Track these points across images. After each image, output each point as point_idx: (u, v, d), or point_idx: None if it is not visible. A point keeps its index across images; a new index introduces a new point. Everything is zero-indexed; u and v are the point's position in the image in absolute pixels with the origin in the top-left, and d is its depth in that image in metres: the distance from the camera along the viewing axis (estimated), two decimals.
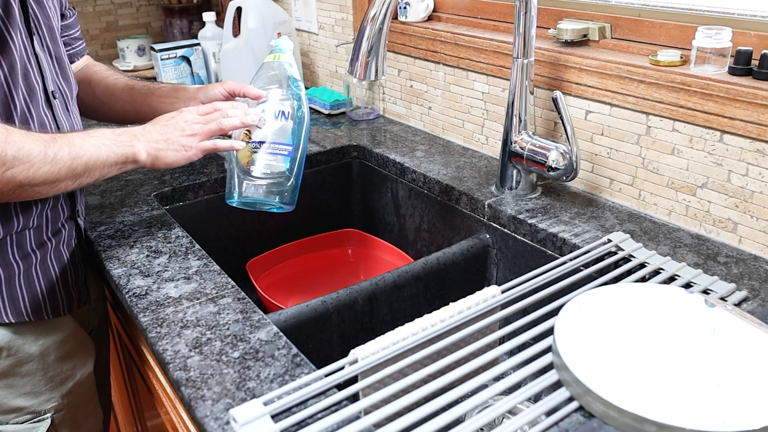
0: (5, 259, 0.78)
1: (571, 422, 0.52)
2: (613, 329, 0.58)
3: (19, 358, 0.82)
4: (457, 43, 1.09)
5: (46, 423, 0.86)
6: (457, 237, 1.01)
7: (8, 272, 0.79)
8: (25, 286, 0.80)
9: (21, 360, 0.82)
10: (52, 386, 0.86)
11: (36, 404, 0.84)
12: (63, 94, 0.85)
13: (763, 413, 0.48)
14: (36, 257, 0.81)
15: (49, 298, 0.83)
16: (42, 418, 0.86)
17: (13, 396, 0.82)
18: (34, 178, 0.70)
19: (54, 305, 0.84)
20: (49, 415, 0.86)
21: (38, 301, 0.82)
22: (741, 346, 0.55)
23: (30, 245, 0.80)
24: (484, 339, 0.61)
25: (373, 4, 0.76)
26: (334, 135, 1.24)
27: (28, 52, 0.77)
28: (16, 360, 0.81)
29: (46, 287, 0.83)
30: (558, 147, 0.87)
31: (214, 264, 0.78)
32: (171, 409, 0.82)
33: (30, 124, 0.78)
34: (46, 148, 0.70)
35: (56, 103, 0.82)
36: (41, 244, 0.81)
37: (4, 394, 0.82)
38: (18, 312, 0.80)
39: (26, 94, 0.77)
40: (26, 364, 0.82)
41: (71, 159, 0.73)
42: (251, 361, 0.61)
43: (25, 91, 0.77)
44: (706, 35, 0.77)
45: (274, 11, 1.43)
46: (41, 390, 0.85)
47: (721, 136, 0.77)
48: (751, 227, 0.77)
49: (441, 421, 0.51)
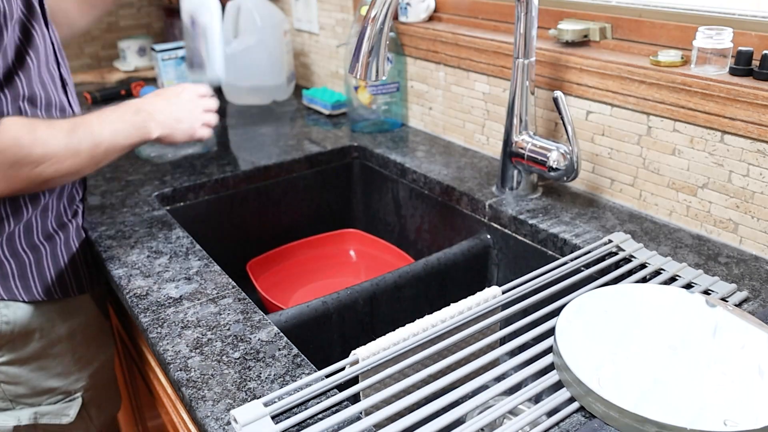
0: (32, 242, 0.81)
1: (571, 423, 0.52)
2: (614, 330, 0.58)
3: (50, 340, 0.84)
4: (457, 44, 1.09)
5: (78, 402, 0.89)
6: (457, 237, 1.01)
7: (36, 254, 0.82)
8: (53, 265, 0.84)
9: (52, 341, 0.85)
10: (80, 366, 0.89)
11: (67, 384, 0.87)
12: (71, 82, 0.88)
13: (764, 413, 0.48)
14: (60, 237, 0.85)
15: (74, 275, 0.87)
16: (73, 398, 0.88)
17: (45, 377, 0.85)
18: (60, 170, 0.73)
19: (78, 282, 0.88)
20: (79, 395, 0.89)
21: (64, 278, 0.85)
22: (742, 347, 0.55)
23: (52, 226, 0.83)
24: (484, 339, 0.61)
25: (373, 5, 0.76)
26: (335, 135, 1.24)
27: (45, 42, 0.81)
28: (48, 341, 0.84)
29: (70, 265, 0.86)
30: (559, 147, 0.87)
31: (215, 264, 0.78)
32: (171, 410, 0.82)
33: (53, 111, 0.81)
34: (68, 138, 0.73)
35: (69, 89, 0.86)
36: (62, 225, 0.85)
37: (37, 376, 0.84)
38: (46, 290, 0.83)
39: (51, 83, 0.81)
40: (57, 345, 0.85)
41: (92, 147, 0.76)
42: (252, 361, 0.61)
43: (49, 80, 0.80)
44: (706, 36, 0.77)
45: (273, 12, 1.43)
46: (71, 370, 0.87)
47: (721, 137, 0.77)
48: (751, 228, 0.77)
49: (442, 421, 0.51)
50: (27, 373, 0.83)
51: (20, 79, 0.75)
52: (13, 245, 0.79)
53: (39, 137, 0.69)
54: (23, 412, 0.83)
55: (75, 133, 0.74)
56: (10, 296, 0.80)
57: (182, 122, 0.88)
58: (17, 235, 0.79)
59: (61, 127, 0.73)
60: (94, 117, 0.78)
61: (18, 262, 0.80)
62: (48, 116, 0.80)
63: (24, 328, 0.81)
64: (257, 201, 1.12)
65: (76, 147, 0.73)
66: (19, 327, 0.81)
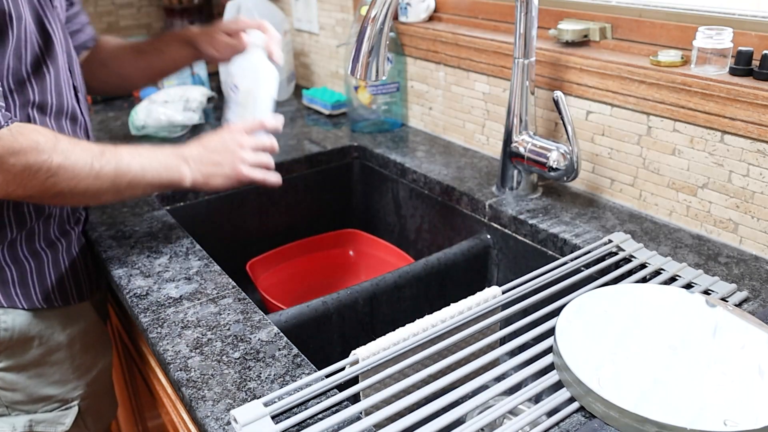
0: (33, 248, 0.81)
1: (571, 423, 0.52)
2: (613, 330, 0.58)
3: (49, 347, 0.84)
4: (457, 44, 1.09)
5: (74, 411, 0.88)
6: (457, 237, 1.01)
7: (37, 260, 0.81)
8: (54, 272, 0.83)
9: (51, 349, 0.84)
10: (78, 375, 0.88)
11: (64, 392, 0.87)
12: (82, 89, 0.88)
13: (764, 413, 0.48)
14: (62, 245, 0.84)
15: (74, 282, 0.86)
16: (69, 406, 0.88)
17: (43, 385, 0.84)
18: (76, 188, 0.71)
19: (78, 290, 0.87)
20: (75, 403, 0.88)
21: (65, 285, 0.85)
22: (742, 347, 0.55)
23: (54, 234, 0.83)
24: (484, 339, 0.61)
25: (373, 5, 0.76)
26: (335, 135, 1.24)
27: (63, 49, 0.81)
28: (46, 349, 0.84)
29: (71, 272, 0.85)
30: (559, 147, 0.87)
31: (215, 264, 0.78)
32: (172, 410, 0.82)
33: (63, 119, 0.81)
34: (92, 160, 0.71)
35: (80, 96, 0.85)
36: (65, 232, 0.84)
37: (34, 383, 0.84)
38: (46, 297, 0.83)
39: (66, 90, 0.81)
40: (56, 353, 0.85)
41: (116, 176, 0.73)
42: (252, 361, 0.61)
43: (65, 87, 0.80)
44: (706, 36, 0.77)
45: (273, 12, 1.43)
46: (69, 378, 0.87)
47: (721, 137, 0.77)
48: (751, 228, 0.77)
49: (442, 421, 0.51)
50: (24, 380, 0.82)
51: (32, 87, 0.75)
52: (14, 251, 0.79)
53: (61, 148, 0.68)
54: (18, 419, 0.83)
55: (102, 156, 0.72)
56: (10, 303, 0.79)
57: (221, 166, 0.80)
58: (19, 242, 0.79)
59: (88, 147, 0.72)
60: (126, 149, 0.76)
61: (19, 268, 0.80)
62: (57, 124, 0.80)
63: (23, 334, 0.81)
64: (257, 201, 1.12)
65: (99, 170, 0.71)
66: (18, 334, 0.80)
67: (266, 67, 0.87)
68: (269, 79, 0.88)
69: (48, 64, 0.77)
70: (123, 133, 1.28)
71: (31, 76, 0.75)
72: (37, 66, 0.75)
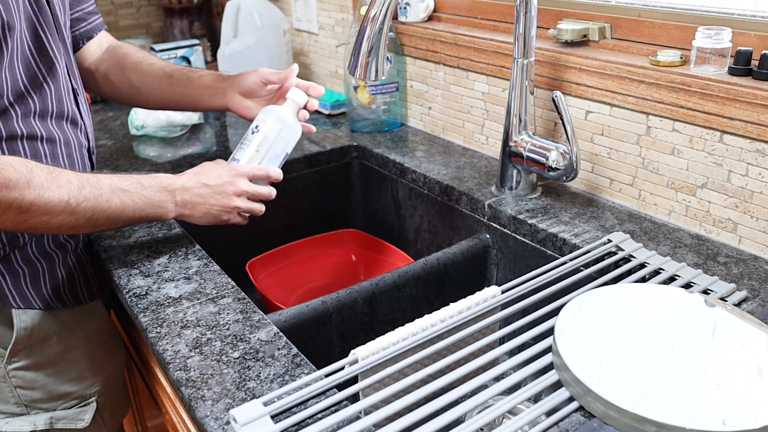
0: (44, 250, 0.81)
1: (571, 422, 0.52)
2: (613, 329, 0.58)
3: (67, 345, 0.85)
4: (457, 44, 1.09)
5: (92, 407, 0.89)
6: (457, 237, 1.01)
7: (49, 261, 0.82)
8: (65, 272, 0.84)
9: (69, 346, 0.85)
10: (95, 371, 0.89)
11: (81, 389, 0.87)
12: (82, 91, 0.87)
13: (763, 413, 0.48)
14: (71, 245, 0.85)
15: (84, 281, 0.87)
16: (88, 402, 0.88)
17: (61, 382, 0.85)
18: (49, 223, 0.69)
19: (89, 289, 0.88)
20: (93, 399, 0.89)
21: (75, 285, 0.85)
22: (741, 346, 0.55)
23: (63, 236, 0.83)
24: (484, 339, 0.61)
25: (373, 5, 0.76)
26: (334, 135, 1.24)
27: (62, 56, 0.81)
28: (65, 346, 0.84)
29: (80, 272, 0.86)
30: (558, 147, 0.87)
31: (214, 264, 0.78)
32: (171, 409, 0.82)
33: (63, 121, 0.80)
34: (69, 196, 0.69)
35: (80, 99, 0.85)
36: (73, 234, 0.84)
37: (53, 381, 0.84)
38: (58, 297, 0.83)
39: (65, 96, 0.81)
40: (73, 350, 0.85)
41: (93, 212, 0.71)
42: (251, 361, 0.61)
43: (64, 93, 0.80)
44: (705, 35, 0.77)
45: (273, 11, 1.43)
46: (86, 375, 0.87)
47: (720, 137, 0.77)
48: (751, 227, 0.77)
49: (441, 421, 0.51)
50: (43, 377, 0.83)
51: (32, 97, 0.75)
52: (25, 253, 0.80)
53: (36, 183, 0.66)
54: (39, 417, 0.83)
55: (80, 192, 0.69)
56: (27, 304, 0.80)
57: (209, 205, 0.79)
58: (30, 244, 0.80)
59: (67, 181, 0.69)
60: (110, 180, 0.73)
61: (31, 270, 0.80)
62: (59, 128, 0.80)
63: (42, 333, 0.81)
64: None
65: (75, 207, 0.69)
66: (37, 332, 0.81)
67: (293, 126, 0.88)
68: (292, 138, 0.88)
69: (46, 74, 0.77)
70: (122, 132, 1.28)
71: (29, 87, 0.75)
72: (35, 77, 0.75)
